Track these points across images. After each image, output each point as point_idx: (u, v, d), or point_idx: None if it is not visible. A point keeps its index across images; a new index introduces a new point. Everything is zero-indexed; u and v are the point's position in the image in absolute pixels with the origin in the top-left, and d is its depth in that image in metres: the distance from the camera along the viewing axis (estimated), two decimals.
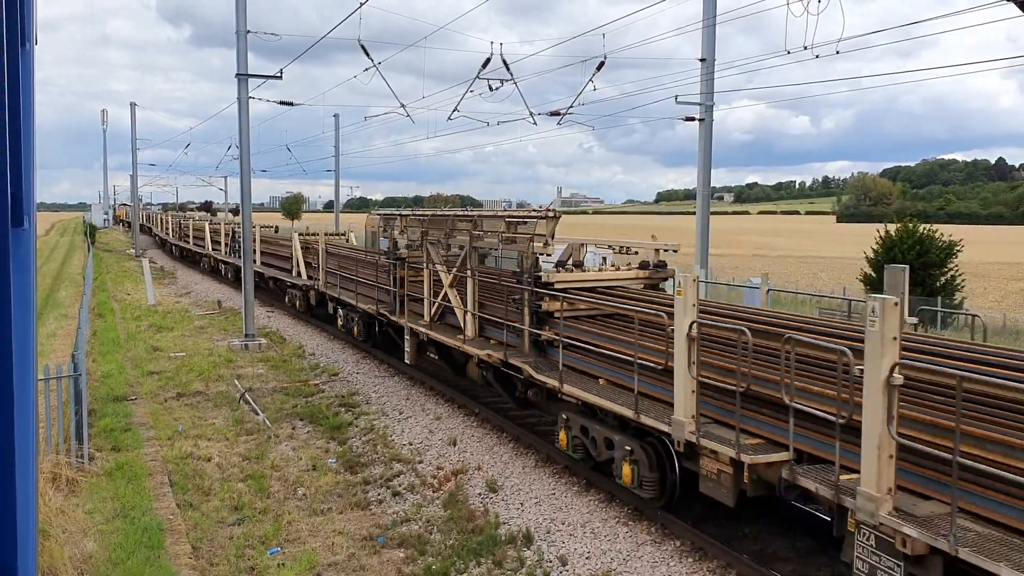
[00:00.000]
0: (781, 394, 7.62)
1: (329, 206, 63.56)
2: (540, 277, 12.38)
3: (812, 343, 7.87)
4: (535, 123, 25.15)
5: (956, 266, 32.47)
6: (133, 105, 64.65)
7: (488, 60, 22.89)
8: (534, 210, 13.51)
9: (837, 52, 15.45)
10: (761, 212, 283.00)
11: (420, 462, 12.82)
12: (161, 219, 73.80)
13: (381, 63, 23.92)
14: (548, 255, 12.47)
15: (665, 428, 9.00)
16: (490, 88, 23.70)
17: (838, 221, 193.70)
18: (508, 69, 23.23)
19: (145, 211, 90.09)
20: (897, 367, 6.48)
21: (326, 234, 28.24)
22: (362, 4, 19.82)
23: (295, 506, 11.07)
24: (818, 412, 7.26)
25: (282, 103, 26.53)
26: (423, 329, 15.81)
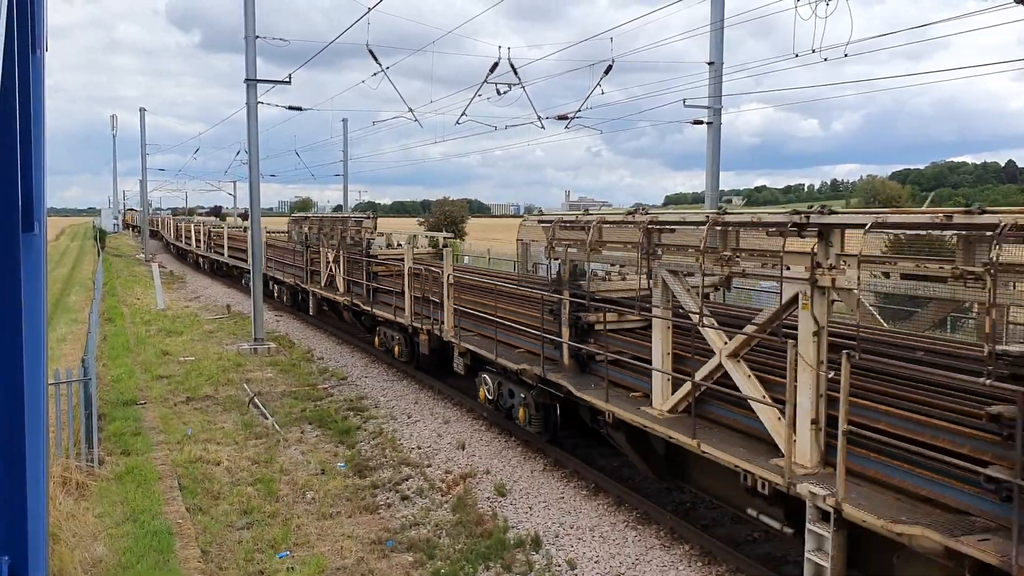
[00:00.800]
0: (431, 296, 16.62)
1: (338, 210, 63.74)
2: (371, 251, 21.21)
3: (431, 271, 17.06)
4: (543, 127, 25.13)
5: None
6: (142, 110, 64.90)
7: (496, 64, 22.91)
8: (364, 214, 23.78)
9: (846, 55, 15.42)
10: None
11: (429, 466, 12.83)
12: (164, 222, 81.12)
13: (389, 68, 23.97)
14: (372, 240, 21.66)
15: (403, 321, 17.82)
16: (498, 92, 23.73)
17: None
18: (516, 73, 23.25)
19: (154, 216, 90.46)
20: (451, 275, 15.51)
21: (268, 231, 34.69)
22: (370, 9, 19.88)
23: (304, 510, 11.08)
24: (434, 300, 16.43)
25: (291, 108, 26.60)
26: (319, 291, 24.52)
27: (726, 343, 8.68)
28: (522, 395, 12.65)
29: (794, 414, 7.48)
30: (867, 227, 6.94)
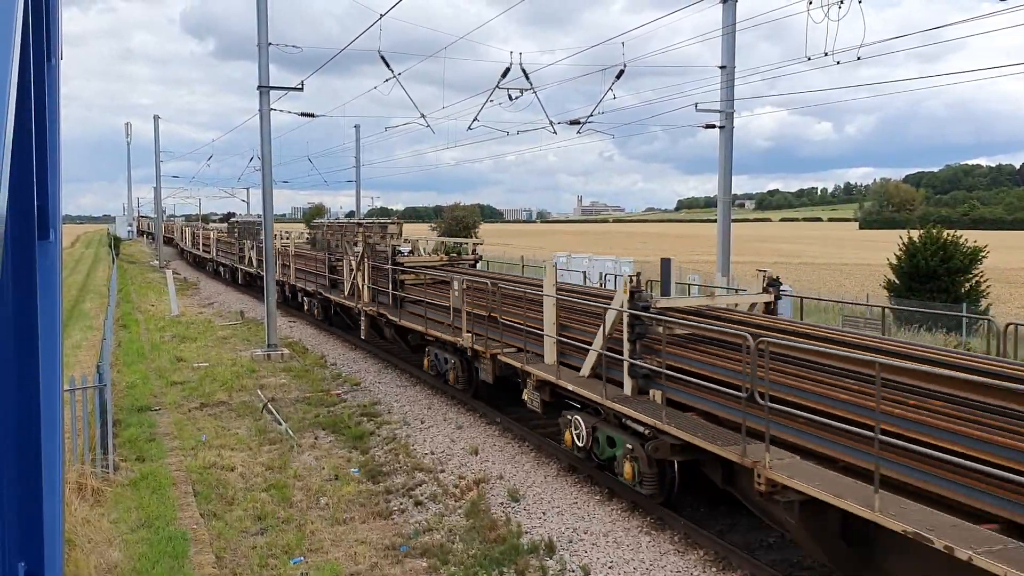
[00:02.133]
0: (289, 263, 30.62)
1: (351, 216, 64.06)
2: (255, 241, 34.55)
3: (287, 249, 31.47)
4: (555, 132, 25.17)
5: (981, 272, 32.09)
6: (156, 118, 65.32)
7: (508, 70, 22.97)
8: (259, 218, 37.57)
9: (858, 58, 15.37)
10: (783, 219, 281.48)
11: (442, 471, 12.82)
12: (167, 227, 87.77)
13: (401, 74, 24.09)
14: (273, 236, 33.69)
15: (279, 279, 29.11)
16: (510, 97, 23.79)
17: (860, 228, 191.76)
18: (528, 78, 23.31)
19: (168, 223, 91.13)
20: (293, 252, 31.37)
21: (218, 231, 51.41)
22: (382, 15, 19.97)
23: (318, 515, 11.09)
24: (288, 264, 31.32)
25: (303, 115, 26.73)
26: (243, 268, 38.58)
27: (356, 265, 20.60)
28: (315, 303, 26.85)
29: (363, 282, 20.31)
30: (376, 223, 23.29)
